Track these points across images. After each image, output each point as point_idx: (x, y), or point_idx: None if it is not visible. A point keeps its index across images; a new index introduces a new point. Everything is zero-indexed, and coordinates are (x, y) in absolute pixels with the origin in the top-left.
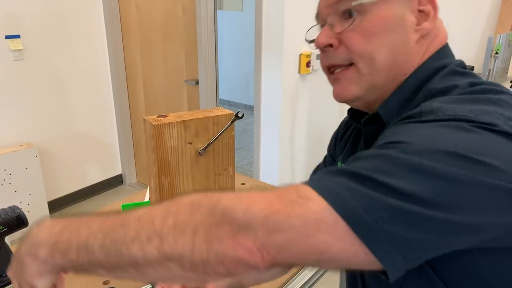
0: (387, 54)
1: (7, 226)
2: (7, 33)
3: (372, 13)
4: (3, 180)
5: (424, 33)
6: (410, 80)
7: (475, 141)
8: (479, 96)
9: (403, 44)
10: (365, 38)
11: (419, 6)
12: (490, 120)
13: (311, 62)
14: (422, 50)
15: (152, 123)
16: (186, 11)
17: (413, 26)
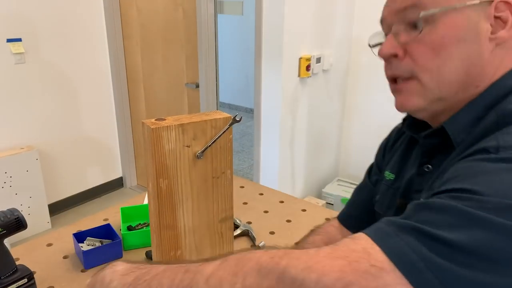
0: (458, 67)
1: (6, 229)
2: (9, 37)
3: (442, 22)
4: (4, 182)
5: (499, 42)
6: (485, 96)
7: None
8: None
9: (476, 55)
10: (433, 51)
11: (495, 12)
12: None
13: (311, 66)
14: (497, 61)
15: (150, 126)
16: (186, 15)
17: (488, 35)
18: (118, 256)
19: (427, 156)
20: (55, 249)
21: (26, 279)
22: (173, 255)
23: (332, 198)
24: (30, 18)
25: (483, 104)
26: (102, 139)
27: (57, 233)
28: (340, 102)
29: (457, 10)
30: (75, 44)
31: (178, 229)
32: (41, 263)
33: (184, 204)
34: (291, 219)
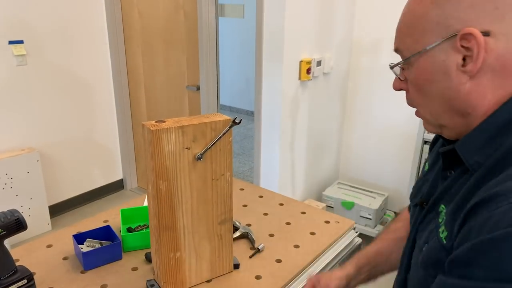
0: (440, 102)
1: (6, 230)
2: (11, 39)
3: (415, 67)
4: (5, 184)
5: (471, 74)
6: (497, 116)
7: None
8: None
9: (451, 91)
10: (417, 92)
11: (463, 43)
12: None
13: (312, 69)
14: (489, 86)
15: (150, 128)
16: (188, 18)
17: (459, 68)
18: (118, 257)
19: (449, 167)
20: (55, 250)
21: (26, 280)
22: (172, 257)
23: (332, 201)
24: (32, 20)
25: (495, 124)
26: (103, 141)
27: (57, 234)
28: (341, 105)
29: (426, 53)
30: (76, 47)
31: (178, 231)
32: (41, 264)
33: (184, 206)
34: (290, 222)
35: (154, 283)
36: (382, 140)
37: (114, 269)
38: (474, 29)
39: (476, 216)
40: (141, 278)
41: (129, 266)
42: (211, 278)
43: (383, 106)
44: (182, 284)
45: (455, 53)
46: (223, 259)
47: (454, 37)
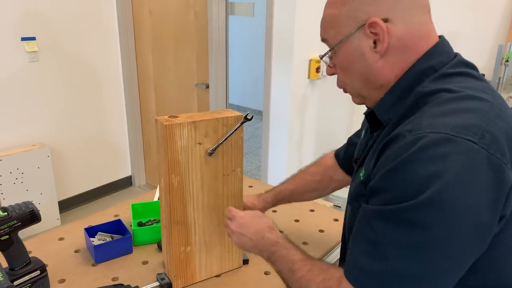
0: (360, 79)
1: (20, 221)
2: (23, 35)
3: (339, 53)
4: (16, 179)
5: (381, 53)
6: (401, 82)
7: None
8: (459, 105)
9: (368, 68)
10: (343, 72)
11: (371, 30)
12: (469, 137)
13: (321, 68)
14: (391, 62)
15: (163, 123)
16: (198, 16)
17: (372, 50)
18: (128, 251)
19: (374, 129)
20: (67, 243)
21: (39, 271)
22: (182, 251)
23: (339, 201)
24: (44, 17)
25: (400, 87)
26: (112, 138)
27: (69, 227)
28: (349, 104)
29: (346, 41)
30: (87, 44)
31: (188, 225)
32: (53, 257)
33: (195, 201)
34: (299, 219)
35: (164, 277)
36: None
37: (124, 263)
38: (376, 18)
39: (386, 150)
40: (152, 272)
41: (139, 259)
42: (220, 272)
43: None
44: (192, 278)
45: (367, 38)
46: (232, 254)
47: (363, 26)
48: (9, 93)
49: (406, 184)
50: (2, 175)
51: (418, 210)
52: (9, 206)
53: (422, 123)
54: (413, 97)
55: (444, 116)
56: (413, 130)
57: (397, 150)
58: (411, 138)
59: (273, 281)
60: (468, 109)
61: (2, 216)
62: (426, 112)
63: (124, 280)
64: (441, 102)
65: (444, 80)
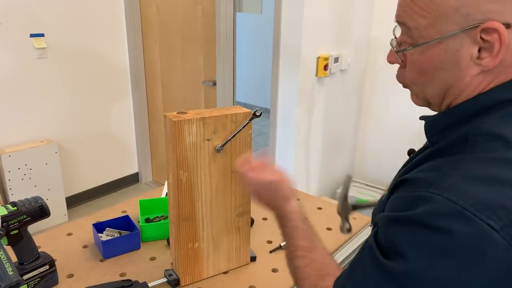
0: (438, 88)
1: (30, 216)
2: (32, 32)
3: (423, 53)
4: (24, 174)
5: (485, 69)
6: (465, 106)
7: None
8: (504, 171)
9: (455, 80)
10: (418, 72)
11: (482, 35)
12: (490, 221)
13: (329, 65)
14: (486, 81)
15: (172, 119)
16: (205, 13)
17: (473, 60)
18: (136, 247)
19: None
20: (75, 238)
21: (48, 266)
22: (190, 247)
23: None
24: (52, 14)
25: (462, 111)
26: (120, 134)
27: (77, 223)
28: (357, 102)
29: (435, 43)
30: (95, 41)
31: (197, 222)
32: (61, 252)
33: (203, 197)
34: (306, 217)
35: (172, 273)
36: (398, 139)
37: (132, 258)
38: (498, 23)
39: (397, 191)
40: (159, 268)
41: (147, 255)
42: (228, 269)
43: (399, 105)
44: (199, 274)
45: (472, 45)
46: (240, 251)
47: (475, 28)
48: (18, 89)
49: (393, 243)
50: (11, 171)
51: (395, 273)
52: (19, 201)
53: (446, 181)
54: (467, 131)
55: (476, 181)
56: (432, 185)
57: (407, 199)
58: (426, 194)
59: (281, 279)
60: (510, 181)
61: (12, 211)
62: (462, 164)
63: (132, 276)
64: (486, 158)
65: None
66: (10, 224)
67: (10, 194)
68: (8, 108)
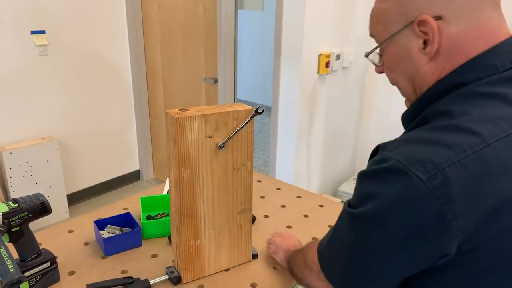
0: (405, 81)
1: (31, 213)
2: (33, 29)
3: (386, 52)
4: (25, 172)
5: (430, 56)
6: (425, 95)
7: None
8: (441, 135)
9: (414, 70)
10: (389, 71)
11: (420, 28)
12: (417, 173)
13: (330, 63)
14: (438, 68)
15: (174, 116)
16: (207, 10)
17: (420, 50)
18: (138, 244)
19: None
20: (76, 235)
21: (49, 263)
22: (192, 245)
23: (347, 197)
24: (53, 11)
25: (426, 100)
26: (121, 132)
27: (78, 220)
28: (359, 100)
29: (393, 39)
30: (96, 38)
31: (198, 219)
32: (63, 249)
33: (205, 194)
34: (308, 214)
35: (173, 270)
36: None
37: (134, 256)
38: (427, 16)
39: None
40: (161, 265)
41: (148, 253)
42: (229, 267)
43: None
44: (201, 271)
45: (416, 38)
46: (242, 248)
47: (412, 23)
48: (19, 87)
49: (355, 195)
50: (12, 168)
51: (352, 219)
52: (20, 197)
53: (394, 144)
54: (426, 113)
55: (415, 143)
56: (385, 149)
57: (369, 163)
58: (380, 156)
59: (281, 276)
60: (444, 143)
61: (13, 208)
62: (409, 134)
63: (134, 273)
64: (431, 128)
65: (465, 101)
66: (11, 221)
67: (11, 191)
68: (9, 105)
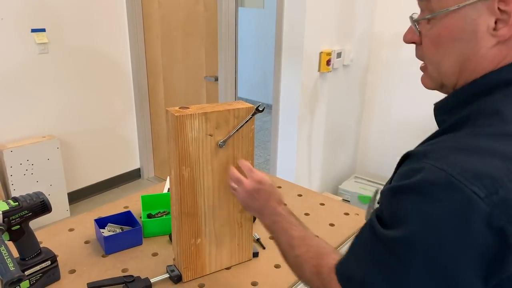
0: (454, 62)
1: (31, 211)
2: (33, 27)
3: (441, 22)
4: (26, 170)
5: (501, 39)
6: (472, 85)
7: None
8: (495, 143)
9: (471, 52)
10: (434, 46)
11: (499, 5)
12: (474, 188)
13: (331, 61)
14: (498, 56)
15: (174, 114)
16: (207, 8)
17: (489, 31)
18: (138, 243)
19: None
20: (77, 234)
21: (50, 261)
22: (193, 243)
23: (348, 195)
24: (54, 9)
25: (470, 91)
26: (121, 130)
27: (79, 218)
28: (360, 98)
29: (457, 11)
30: (96, 36)
31: (199, 217)
32: (63, 247)
33: (205, 193)
34: (309, 213)
35: (174, 269)
36: (400, 135)
37: (134, 254)
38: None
39: (402, 165)
40: (161, 264)
41: (149, 251)
42: (230, 265)
43: (402, 100)
44: (202, 270)
45: (489, 15)
46: (242, 247)
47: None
48: (19, 85)
49: (390, 213)
50: (13, 166)
51: (391, 242)
52: (20, 196)
53: (439, 152)
54: (470, 110)
55: (468, 153)
56: (426, 156)
57: (405, 171)
58: (420, 165)
59: (283, 274)
60: (503, 154)
61: (13, 206)
62: (456, 139)
63: (134, 272)
64: (482, 132)
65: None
66: (11, 220)
67: (12, 189)
68: (9, 104)
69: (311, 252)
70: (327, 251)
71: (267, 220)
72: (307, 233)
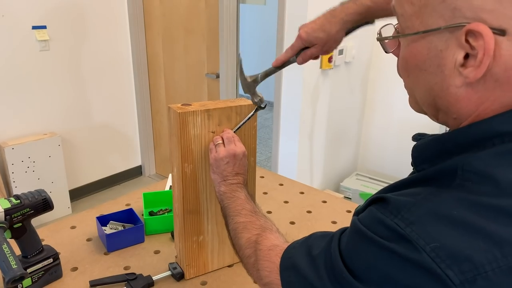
0: (425, 93)
1: (33, 209)
2: (34, 24)
3: (409, 47)
4: (27, 167)
5: (467, 81)
6: (457, 135)
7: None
8: (482, 218)
9: (439, 86)
10: (403, 69)
11: (468, 37)
12: (449, 272)
13: (333, 58)
14: (475, 97)
15: (176, 111)
16: (209, 5)
17: (457, 67)
18: (140, 240)
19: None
20: (79, 231)
21: (52, 259)
22: (195, 240)
23: (350, 192)
24: (54, 6)
25: (455, 142)
26: (123, 127)
27: (80, 216)
28: (361, 95)
29: (424, 37)
30: (98, 33)
31: (201, 215)
32: (65, 245)
33: (208, 190)
34: (311, 210)
35: (176, 266)
36: (402, 132)
37: (136, 252)
38: (484, 27)
39: (374, 205)
40: (164, 261)
41: (151, 249)
42: (232, 263)
43: (404, 97)
44: (204, 267)
45: (457, 48)
46: None
47: (460, 28)
48: (20, 82)
49: (355, 253)
50: (14, 163)
51: (345, 281)
52: (22, 194)
53: (415, 212)
54: (456, 163)
55: (447, 222)
56: (399, 213)
57: (376, 219)
58: (391, 223)
59: None
60: (489, 234)
61: (15, 204)
62: (439, 199)
63: (136, 269)
64: (471, 201)
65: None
66: (13, 217)
67: (14, 187)
68: (10, 101)
69: (256, 224)
70: (273, 229)
71: (222, 188)
72: (258, 211)
